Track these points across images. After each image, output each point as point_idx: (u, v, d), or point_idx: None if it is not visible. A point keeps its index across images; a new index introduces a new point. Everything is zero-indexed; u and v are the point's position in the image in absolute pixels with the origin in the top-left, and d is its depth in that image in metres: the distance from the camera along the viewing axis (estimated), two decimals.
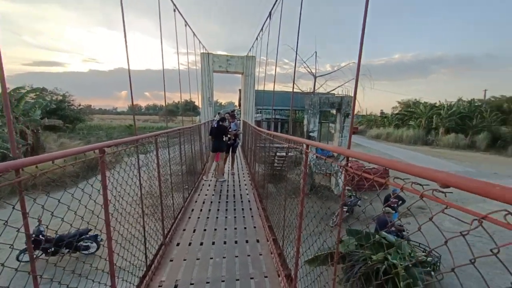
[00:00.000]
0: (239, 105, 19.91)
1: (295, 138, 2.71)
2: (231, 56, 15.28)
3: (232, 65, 15.00)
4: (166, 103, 6.44)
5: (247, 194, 5.77)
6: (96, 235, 6.02)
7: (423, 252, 5.70)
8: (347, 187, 10.79)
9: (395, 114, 38.54)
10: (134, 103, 3.89)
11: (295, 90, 11.45)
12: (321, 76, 10.95)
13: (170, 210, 3.73)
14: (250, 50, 14.27)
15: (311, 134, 9.69)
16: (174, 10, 6.74)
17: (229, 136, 6.80)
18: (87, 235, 5.93)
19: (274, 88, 7.55)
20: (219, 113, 8.35)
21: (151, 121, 54.19)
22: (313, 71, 10.67)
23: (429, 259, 5.26)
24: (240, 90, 17.66)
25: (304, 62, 10.42)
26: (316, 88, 11.13)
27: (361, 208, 8.69)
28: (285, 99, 13.35)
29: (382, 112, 51.08)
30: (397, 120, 35.32)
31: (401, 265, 4.72)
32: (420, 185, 0.97)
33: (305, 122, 10.00)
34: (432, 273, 5.21)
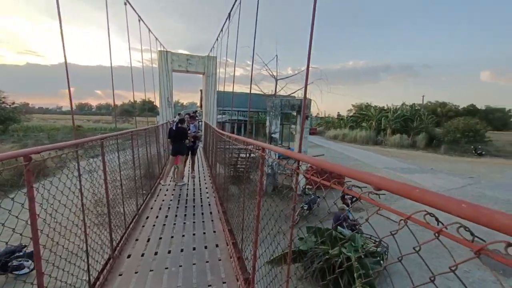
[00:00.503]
0: (201, 106, 19.47)
1: (251, 141, 2.71)
2: (191, 55, 14.82)
3: (192, 64, 14.56)
4: (123, 102, 5.94)
5: (208, 198, 5.62)
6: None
7: (374, 243, 6.19)
8: (307, 187, 11.25)
9: (350, 116, 41.59)
10: (84, 101, 3.50)
11: (258, 92, 11.61)
12: (282, 79, 11.27)
13: (121, 219, 3.44)
14: (211, 50, 14.04)
15: (273, 135, 9.88)
16: (125, 3, 6.26)
17: (188, 138, 6.56)
18: (21, 253, 5.15)
19: (233, 89, 7.54)
20: (179, 114, 8.02)
21: (103, 122, 49.82)
22: (275, 74, 10.92)
23: (378, 249, 5.72)
24: (201, 91, 17.26)
25: (266, 65, 10.60)
26: (277, 90, 11.41)
27: (319, 207, 9.13)
28: (247, 101, 13.46)
29: (339, 115, 54.67)
30: (352, 122, 38.14)
31: (355, 257, 5.06)
32: (359, 187, 1.01)
33: (267, 123, 10.17)
34: (381, 261, 5.67)
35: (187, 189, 6.16)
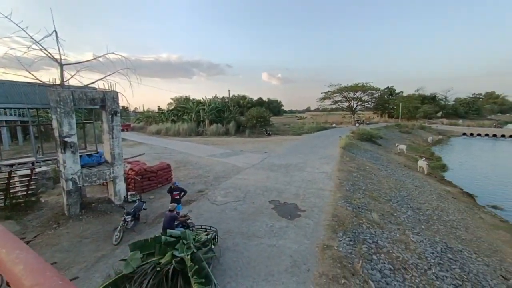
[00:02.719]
0: None
1: None
2: None
3: None
4: None
5: None
6: None
7: (204, 231, 6.36)
8: (130, 192, 9.71)
9: (170, 110, 41.50)
10: None
11: (32, 80, 8.10)
12: (71, 64, 8.58)
13: None
14: None
15: (67, 139, 7.38)
16: None
17: None
18: None
19: None
20: None
21: None
22: (57, 56, 8.05)
23: (209, 236, 5.92)
24: None
25: (37, 43, 7.52)
26: (67, 79, 8.59)
27: (147, 211, 8.19)
28: (19, 94, 9.20)
29: (159, 108, 52.97)
30: (173, 115, 38.29)
31: (187, 255, 4.86)
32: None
33: (55, 124, 7.43)
34: (213, 246, 5.93)
35: None
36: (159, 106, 55.96)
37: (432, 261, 6.38)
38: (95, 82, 8.93)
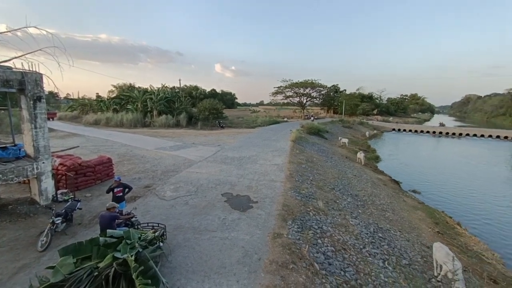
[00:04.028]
0: None
1: None
2: None
3: None
4: None
5: None
6: None
7: (151, 229, 5.94)
8: (61, 191, 8.50)
9: (112, 98, 37.42)
10: None
11: None
12: None
13: None
14: None
15: None
16: None
17: None
18: None
19: None
20: None
21: None
22: None
23: (156, 234, 5.56)
24: None
25: None
26: None
27: (82, 210, 7.27)
28: None
29: (98, 96, 47.33)
30: (115, 104, 34.65)
31: (131, 256, 4.48)
32: None
33: None
34: (161, 244, 5.60)
35: None
36: (97, 94, 50.07)
37: (366, 241, 7.21)
38: (10, 60, 7.39)
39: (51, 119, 34.36)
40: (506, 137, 39.34)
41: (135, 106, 32.63)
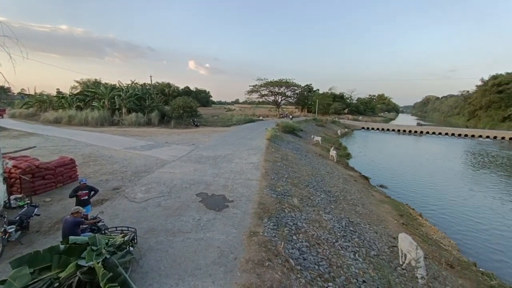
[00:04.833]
0: None
1: None
2: None
3: None
4: None
5: None
6: None
7: (120, 233, 5.61)
8: (15, 196, 7.70)
9: (75, 94, 34.75)
10: None
11: None
12: None
13: None
14: None
15: None
16: None
17: None
18: None
19: None
20: None
21: None
22: None
23: (126, 238, 5.26)
24: None
25: None
26: None
27: (41, 217, 6.65)
28: None
29: (59, 92, 43.72)
30: (79, 101, 32.24)
31: (98, 263, 4.18)
32: None
33: None
34: (131, 248, 5.31)
35: None
36: (58, 89, 46.25)
37: (339, 235, 7.51)
38: None
39: (0, 117, 31.05)
40: (459, 135, 43.50)
41: (101, 104, 30.62)
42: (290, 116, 46.96)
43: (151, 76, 38.96)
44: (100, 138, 19.67)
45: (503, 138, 40.17)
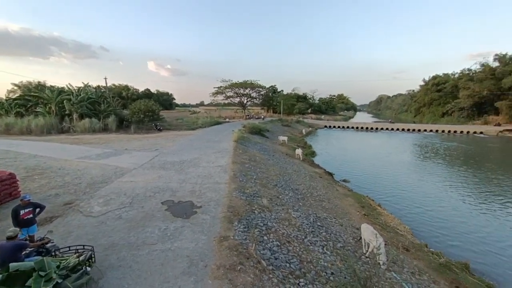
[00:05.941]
0: None
1: None
2: None
3: None
4: None
5: None
6: None
7: (75, 253, 5.05)
8: None
9: (13, 99, 30.68)
10: None
11: None
12: None
13: None
14: None
15: None
16: None
17: None
18: None
19: None
20: None
21: None
22: None
23: (81, 258, 4.74)
24: None
25: None
26: None
27: None
28: None
29: None
30: (19, 106, 28.54)
31: None
32: None
33: None
34: (88, 268, 4.81)
35: None
36: None
37: (307, 231, 7.74)
38: None
39: None
40: (408, 130, 48.41)
41: (47, 109, 27.47)
42: (262, 117, 47.46)
43: (106, 78, 36.05)
44: (47, 148, 17.61)
45: (443, 131, 45.92)
